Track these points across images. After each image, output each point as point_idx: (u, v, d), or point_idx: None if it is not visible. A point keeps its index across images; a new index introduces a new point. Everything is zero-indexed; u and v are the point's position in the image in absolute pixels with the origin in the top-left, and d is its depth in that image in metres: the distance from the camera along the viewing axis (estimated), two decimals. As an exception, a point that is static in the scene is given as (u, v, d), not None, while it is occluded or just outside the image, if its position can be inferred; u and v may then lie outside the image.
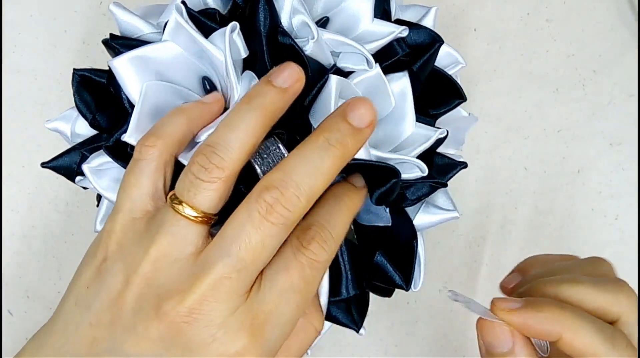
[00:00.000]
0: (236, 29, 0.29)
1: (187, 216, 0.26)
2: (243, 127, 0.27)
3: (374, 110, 0.28)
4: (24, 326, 0.47)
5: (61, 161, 0.34)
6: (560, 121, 0.49)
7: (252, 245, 0.26)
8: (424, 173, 0.32)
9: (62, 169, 0.34)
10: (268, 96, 0.27)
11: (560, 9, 0.50)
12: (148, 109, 0.30)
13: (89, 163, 0.32)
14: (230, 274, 0.26)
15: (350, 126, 0.27)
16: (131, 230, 0.28)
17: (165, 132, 0.28)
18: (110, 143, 0.31)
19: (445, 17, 0.49)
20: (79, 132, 0.34)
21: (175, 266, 0.26)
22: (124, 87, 0.30)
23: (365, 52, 0.31)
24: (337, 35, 0.31)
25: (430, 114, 0.35)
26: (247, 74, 0.31)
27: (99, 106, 0.33)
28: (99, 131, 0.33)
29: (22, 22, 0.47)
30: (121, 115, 0.31)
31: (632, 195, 0.49)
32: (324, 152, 0.27)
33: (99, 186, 0.32)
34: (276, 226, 0.26)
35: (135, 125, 0.29)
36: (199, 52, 0.30)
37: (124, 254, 0.27)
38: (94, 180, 0.32)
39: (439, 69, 0.35)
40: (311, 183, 0.26)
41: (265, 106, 0.27)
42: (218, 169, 0.26)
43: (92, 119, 0.32)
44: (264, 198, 0.26)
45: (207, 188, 0.26)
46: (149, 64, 0.30)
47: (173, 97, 0.31)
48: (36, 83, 0.47)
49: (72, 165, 0.34)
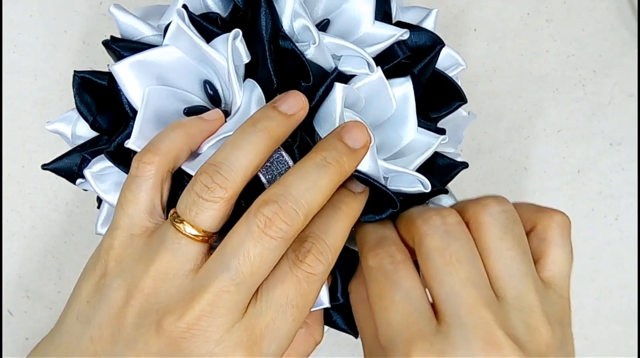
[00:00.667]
0: (239, 36, 0.29)
1: (188, 235, 0.27)
2: (247, 149, 0.27)
3: (368, 133, 0.29)
4: (24, 326, 0.47)
5: (62, 163, 0.34)
6: (560, 121, 0.49)
7: (250, 259, 0.26)
8: (426, 190, 0.32)
9: (62, 172, 0.34)
10: (273, 120, 0.28)
11: (560, 9, 0.50)
12: (150, 114, 0.30)
13: (90, 168, 0.32)
14: (229, 288, 0.26)
15: (346, 146, 0.28)
16: (130, 247, 0.28)
17: (162, 149, 0.28)
18: (112, 148, 0.31)
19: (446, 17, 0.49)
20: (80, 134, 0.34)
21: (175, 282, 0.27)
22: (125, 92, 0.30)
23: (366, 56, 0.31)
24: (338, 39, 0.31)
25: (431, 117, 0.35)
26: (248, 82, 0.31)
27: (100, 108, 0.32)
28: (100, 133, 0.33)
29: (22, 22, 0.47)
30: (122, 117, 0.31)
31: (632, 195, 0.49)
32: (321, 169, 0.27)
33: (100, 190, 0.32)
34: (275, 240, 0.26)
35: (138, 131, 0.29)
36: (201, 56, 0.30)
37: (123, 270, 0.27)
38: (96, 184, 0.32)
39: (439, 71, 0.35)
40: (309, 198, 0.27)
41: (270, 130, 0.28)
42: (221, 189, 0.27)
43: (92, 121, 0.32)
44: (263, 212, 0.26)
45: (209, 208, 0.27)
46: (150, 69, 0.30)
47: (175, 101, 0.31)
48: (36, 83, 0.47)
49: (72, 167, 0.34)
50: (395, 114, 0.33)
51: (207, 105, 0.32)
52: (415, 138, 0.33)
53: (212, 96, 0.32)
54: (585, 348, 0.49)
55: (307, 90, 0.31)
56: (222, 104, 0.32)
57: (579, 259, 0.49)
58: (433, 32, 0.34)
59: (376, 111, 0.33)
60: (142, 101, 0.30)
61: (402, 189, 0.32)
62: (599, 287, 0.49)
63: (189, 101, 0.31)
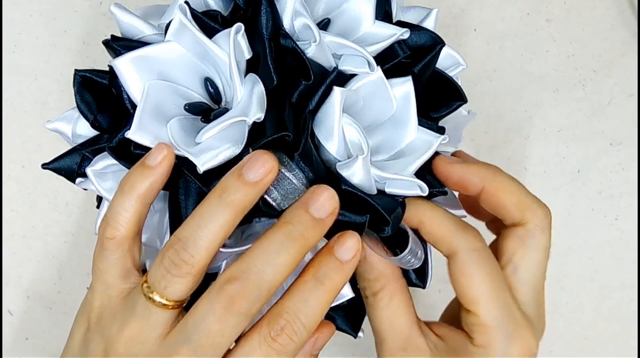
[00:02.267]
0: (241, 30, 0.29)
1: (158, 304, 0.28)
2: (211, 227, 0.28)
3: (336, 198, 0.29)
4: (24, 326, 0.47)
5: (62, 162, 0.33)
6: (560, 121, 0.49)
7: (212, 334, 0.27)
8: (424, 193, 0.32)
9: (62, 171, 0.34)
10: (239, 192, 0.28)
11: (560, 9, 0.50)
12: (151, 107, 0.30)
13: (92, 166, 0.32)
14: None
15: (312, 217, 0.29)
16: (108, 307, 0.30)
17: (120, 222, 0.29)
18: (114, 144, 0.31)
19: (446, 17, 0.49)
20: (80, 133, 0.34)
21: (144, 348, 0.29)
22: (126, 86, 0.30)
23: (367, 55, 0.31)
24: (338, 38, 0.31)
25: (431, 117, 0.35)
26: (250, 77, 0.31)
27: (101, 107, 0.32)
28: (100, 131, 0.33)
29: (22, 22, 0.47)
30: (122, 116, 0.31)
31: (632, 195, 0.49)
32: (286, 244, 0.28)
33: (102, 189, 0.32)
34: (236, 317, 0.27)
35: (139, 122, 0.29)
36: (202, 52, 0.30)
37: (102, 328, 0.30)
38: (98, 183, 0.32)
39: (439, 71, 0.35)
40: (272, 274, 0.28)
41: (236, 203, 0.28)
42: (187, 265, 0.28)
43: (93, 120, 0.32)
44: (225, 289, 0.27)
45: (177, 282, 0.28)
46: (151, 64, 0.30)
47: (176, 97, 0.31)
48: (36, 83, 0.47)
49: (72, 166, 0.34)
50: (395, 114, 0.33)
51: (207, 102, 0.32)
52: (416, 137, 0.33)
53: (213, 93, 0.32)
54: (585, 348, 0.49)
55: (307, 88, 0.31)
56: (223, 101, 0.32)
57: (579, 259, 0.49)
58: (433, 31, 0.34)
59: (376, 111, 0.33)
60: (143, 93, 0.30)
61: (399, 193, 0.32)
62: (599, 287, 0.49)
63: (189, 97, 0.31)
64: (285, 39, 0.31)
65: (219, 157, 0.30)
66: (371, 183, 0.31)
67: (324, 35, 0.31)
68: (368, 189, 0.31)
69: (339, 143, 0.31)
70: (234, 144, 0.30)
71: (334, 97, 0.30)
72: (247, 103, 0.30)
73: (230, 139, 0.30)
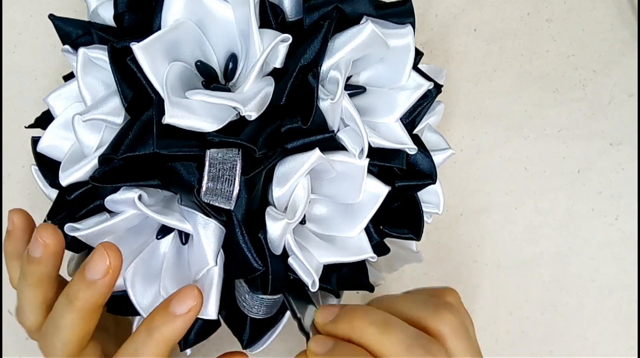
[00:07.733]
0: (288, 40, 0.30)
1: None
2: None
3: (110, 261, 0.30)
4: (24, 326, 0.47)
5: (67, 25, 0.36)
6: (560, 121, 0.49)
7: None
8: (313, 289, 0.32)
9: (61, 33, 0.36)
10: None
11: (560, 9, 0.50)
12: (170, 37, 0.30)
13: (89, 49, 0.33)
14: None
15: (85, 280, 0.30)
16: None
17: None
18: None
19: (445, 17, 0.49)
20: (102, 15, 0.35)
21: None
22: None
23: (366, 144, 0.31)
24: (355, 111, 0.32)
25: (381, 230, 0.35)
26: (269, 79, 0.31)
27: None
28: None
29: (22, 22, 0.47)
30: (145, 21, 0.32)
31: (632, 195, 0.49)
32: (65, 308, 0.30)
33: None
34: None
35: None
36: (245, 32, 0.31)
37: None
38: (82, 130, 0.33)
39: (418, 201, 0.35)
40: (62, 340, 0.31)
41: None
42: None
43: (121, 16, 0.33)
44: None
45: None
46: (198, 6, 0.31)
47: (196, 47, 0.32)
48: (36, 83, 0.47)
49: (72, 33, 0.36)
50: (354, 206, 0.33)
51: (219, 73, 0.32)
52: (356, 237, 0.34)
53: (230, 69, 0.32)
54: (585, 348, 0.49)
55: (299, 130, 0.31)
56: (231, 82, 0.32)
57: (579, 259, 0.49)
58: (435, 168, 0.35)
59: (341, 192, 0.33)
60: (175, 21, 0.30)
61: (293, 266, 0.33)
62: (599, 287, 0.49)
63: (207, 57, 0.32)
64: (313, 78, 0.31)
65: (191, 121, 0.29)
66: (280, 245, 0.31)
67: (346, 99, 0.31)
68: (274, 247, 0.32)
69: (283, 194, 0.31)
70: (214, 121, 0.30)
71: (310, 155, 0.30)
72: (251, 96, 0.29)
73: (214, 116, 0.30)
